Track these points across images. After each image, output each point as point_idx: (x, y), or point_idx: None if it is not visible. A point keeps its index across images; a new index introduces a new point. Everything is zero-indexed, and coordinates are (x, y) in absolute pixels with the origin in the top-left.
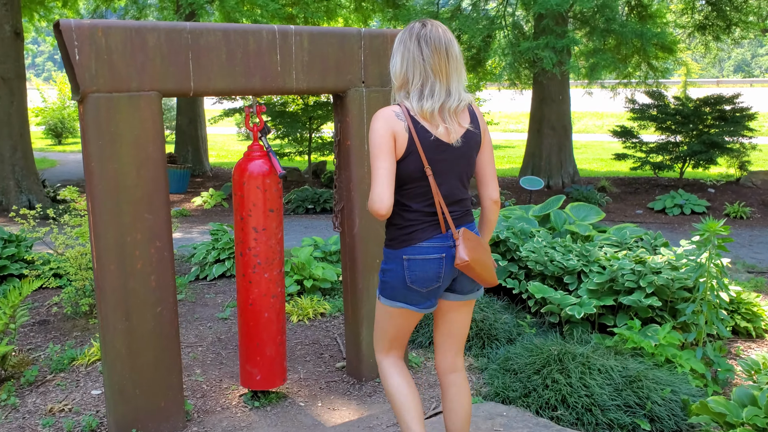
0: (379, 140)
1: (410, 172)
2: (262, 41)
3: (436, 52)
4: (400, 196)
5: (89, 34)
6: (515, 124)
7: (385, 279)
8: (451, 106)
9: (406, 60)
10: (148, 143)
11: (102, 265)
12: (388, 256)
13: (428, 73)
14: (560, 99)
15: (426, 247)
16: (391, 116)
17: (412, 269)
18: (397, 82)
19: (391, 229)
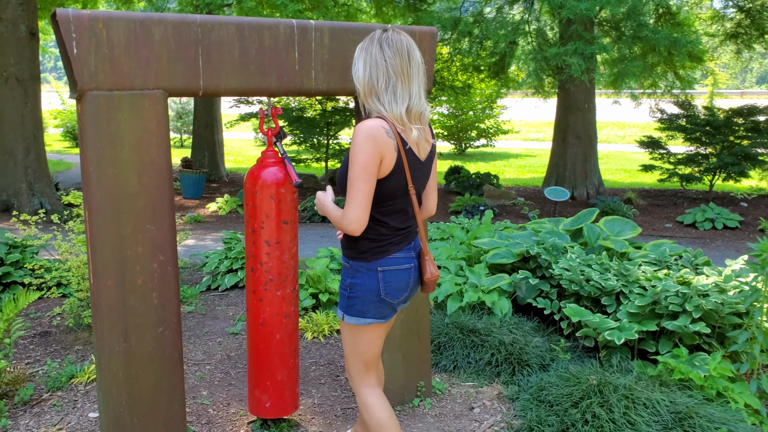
0: (365, 162)
1: (393, 190)
2: (279, 37)
3: (397, 54)
4: (377, 213)
5: (89, 26)
6: (536, 132)
7: (353, 294)
8: (414, 110)
9: (368, 64)
10: (152, 147)
11: (99, 281)
12: (357, 269)
13: (390, 75)
14: (586, 107)
15: (399, 258)
16: (380, 135)
17: (387, 280)
18: (363, 89)
19: (362, 243)
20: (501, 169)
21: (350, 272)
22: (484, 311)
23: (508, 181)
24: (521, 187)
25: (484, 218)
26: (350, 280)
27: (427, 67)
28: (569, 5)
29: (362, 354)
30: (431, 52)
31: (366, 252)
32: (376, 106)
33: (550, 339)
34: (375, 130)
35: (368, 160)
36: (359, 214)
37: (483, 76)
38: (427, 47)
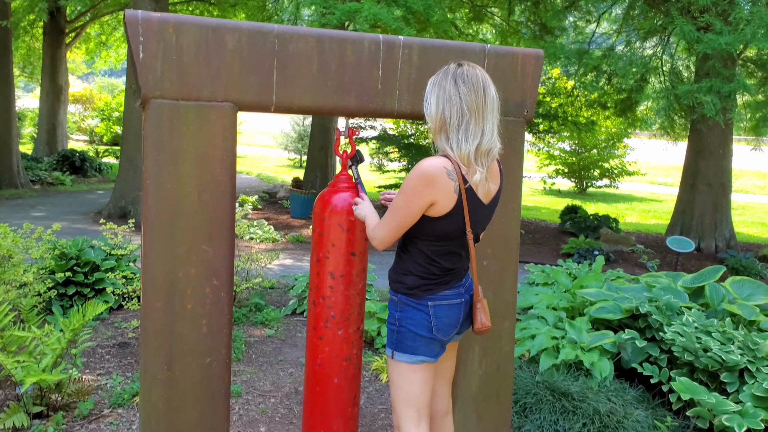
0: (411, 200)
1: (449, 231)
2: (362, 52)
3: (473, 89)
4: (430, 251)
5: (158, 30)
6: (664, 176)
7: (402, 329)
8: (484, 148)
9: (442, 100)
10: (216, 163)
11: (147, 302)
12: (406, 303)
13: (464, 112)
14: (720, 153)
15: (450, 294)
16: (439, 177)
17: (439, 315)
18: (434, 125)
19: (410, 278)
20: (622, 212)
21: (399, 306)
22: (581, 372)
23: (628, 225)
24: (642, 233)
25: (595, 265)
26: (399, 314)
27: (529, 95)
28: (707, 39)
29: (414, 399)
30: (534, 77)
31: (415, 288)
32: (442, 145)
33: (654, 413)
34: (435, 171)
35: (416, 199)
36: (385, 238)
37: (609, 114)
38: (530, 71)
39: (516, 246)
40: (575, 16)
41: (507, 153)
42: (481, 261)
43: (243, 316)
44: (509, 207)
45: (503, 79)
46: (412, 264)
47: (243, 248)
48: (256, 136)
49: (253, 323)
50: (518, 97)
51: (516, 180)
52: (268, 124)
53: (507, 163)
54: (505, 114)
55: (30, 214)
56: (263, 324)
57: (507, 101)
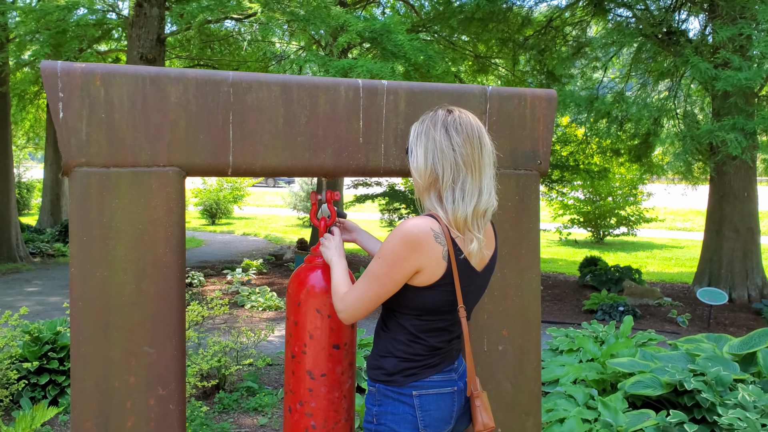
0: (391, 266)
1: (437, 304)
2: (338, 101)
3: (468, 140)
4: (413, 326)
5: (82, 83)
6: (683, 221)
7: (383, 428)
8: (482, 208)
9: (431, 152)
10: (158, 242)
11: (76, 420)
12: (386, 394)
13: (459, 167)
14: (745, 196)
15: (439, 381)
16: (426, 241)
17: (426, 408)
18: (422, 181)
19: (389, 361)
20: (643, 261)
21: (377, 399)
22: None
23: (651, 275)
24: (667, 284)
25: (623, 326)
26: (377, 409)
27: (542, 142)
28: (725, 76)
29: None
30: (547, 122)
31: (396, 373)
32: (432, 205)
33: None
34: (420, 235)
35: (398, 267)
36: (357, 311)
37: (623, 160)
38: (542, 115)
39: (537, 324)
40: (582, 63)
41: (520, 212)
42: (496, 345)
43: (234, 402)
44: (526, 277)
45: (510, 125)
46: (392, 344)
47: (244, 319)
48: (266, 196)
49: (244, 410)
50: (529, 146)
51: (533, 244)
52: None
53: (521, 223)
54: (515, 167)
55: (24, 289)
56: (256, 410)
57: (516, 151)
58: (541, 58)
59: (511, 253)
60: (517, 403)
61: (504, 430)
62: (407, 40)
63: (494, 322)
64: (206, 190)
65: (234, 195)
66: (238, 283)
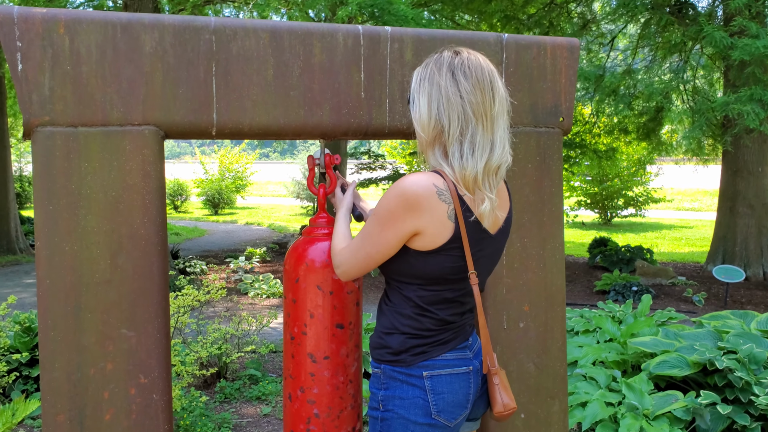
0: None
1: (444, 272)
2: (335, 50)
3: (478, 86)
4: (420, 297)
5: (43, 31)
6: (691, 201)
7: (388, 415)
8: (494, 164)
9: (436, 100)
10: (135, 211)
11: (47, 414)
12: (393, 376)
13: (468, 117)
14: (759, 171)
15: (453, 360)
16: (429, 199)
17: (438, 390)
18: (425, 135)
19: (395, 338)
20: (653, 242)
21: (382, 382)
22: None
23: (662, 255)
24: (679, 263)
25: (641, 305)
26: (383, 393)
27: (564, 96)
28: (742, 44)
29: None
30: (569, 74)
31: (403, 352)
32: (436, 162)
33: None
34: (420, 192)
35: (391, 226)
36: (350, 269)
37: (630, 138)
38: (564, 66)
39: (562, 299)
40: (587, 40)
41: (542, 175)
42: (517, 322)
43: (236, 391)
44: (549, 247)
45: (528, 77)
46: (397, 318)
47: (246, 306)
48: (269, 186)
49: (247, 399)
50: (550, 100)
51: (556, 211)
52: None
53: (543, 187)
54: (535, 124)
55: (23, 281)
56: (259, 399)
57: (536, 107)
58: (546, 35)
59: (532, 221)
60: (542, 385)
61: (528, 416)
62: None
63: (514, 297)
64: (208, 180)
65: (236, 185)
66: (241, 270)
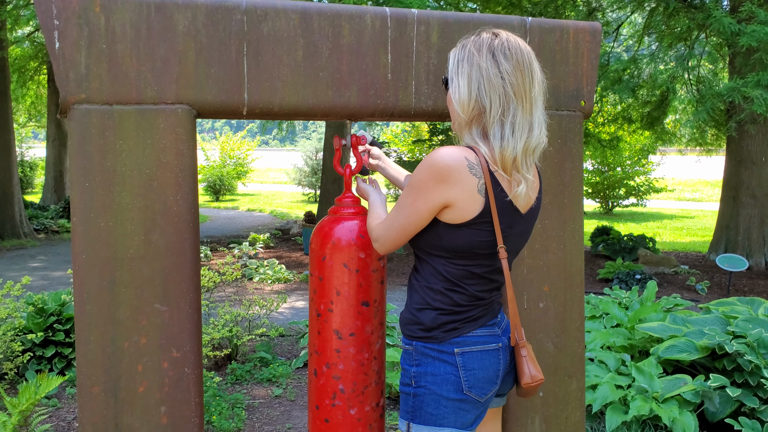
0: (418, 198)
1: (474, 245)
2: (363, 31)
3: (518, 67)
4: (449, 273)
5: (79, 10)
6: (692, 192)
7: (420, 390)
8: (532, 146)
9: (476, 81)
10: (168, 188)
11: (82, 385)
12: (424, 353)
13: (510, 98)
14: (763, 161)
15: (484, 336)
16: (460, 171)
17: (470, 367)
18: (465, 115)
19: (427, 314)
20: (655, 231)
21: (414, 358)
22: (659, 430)
23: (664, 245)
24: (681, 253)
25: (647, 291)
26: (415, 370)
27: (586, 80)
28: (751, 30)
29: None
30: (591, 58)
31: (435, 328)
32: (473, 140)
33: None
34: (451, 164)
35: (423, 197)
36: (387, 240)
37: (634, 128)
38: (586, 50)
39: (581, 280)
40: None
41: (563, 157)
42: (536, 302)
43: (247, 373)
44: (569, 229)
45: (551, 61)
46: (428, 293)
47: (253, 291)
48: (269, 173)
49: (258, 381)
50: (572, 84)
51: (576, 193)
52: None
53: (564, 169)
54: (557, 107)
55: (28, 264)
56: (270, 381)
57: (558, 90)
58: None
59: (553, 202)
60: (560, 365)
61: (546, 394)
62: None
63: (534, 277)
64: (209, 166)
65: (238, 171)
66: (246, 256)
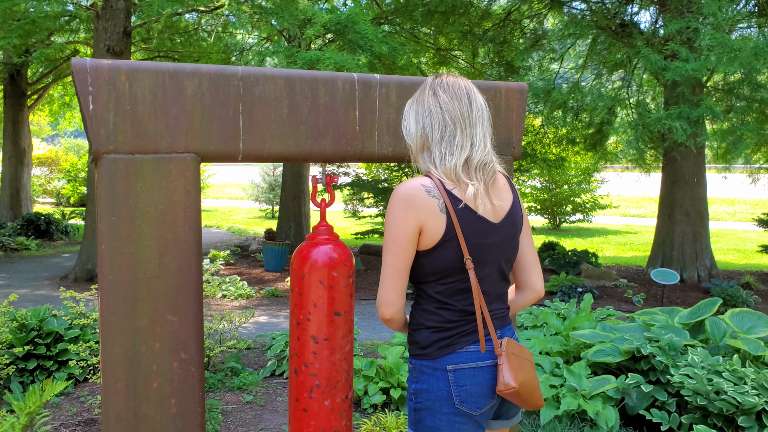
0: (395, 232)
1: (451, 262)
2: (336, 93)
3: (455, 97)
4: (437, 293)
5: (109, 78)
6: (636, 208)
7: (419, 405)
8: (476, 161)
9: (421, 114)
10: (178, 221)
11: (107, 383)
12: (422, 370)
13: (447, 122)
14: (695, 182)
15: (474, 353)
16: (418, 196)
17: (461, 383)
18: (414, 144)
19: (422, 334)
20: (599, 246)
21: (414, 375)
22: (585, 423)
23: (607, 259)
24: (622, 267)
25: (584, 303)
26: (414, 387)
27: (515, 131)
28: (674, 67)
29: None
30: (519, 112)
31: (429, 345)
32: (425, 165)
33: None
34: (410, 192)
35: (399, 228)
36: (386, 296)
37: (578, 149)
38: (515, 105)
39: None
40: (539, 55)
41: None
42: None
43: (219, 382)
44: None
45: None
46: (422, 315)
47: (215, 307)
48: (225, 188)
49: (229, 389)
50: (504, 133)
51: None
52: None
53: None
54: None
55: None
56: (240, 389)
57: (498, 138)
58: (500, 50)
59: None
60: None
61: None
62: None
63: None
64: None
65: None
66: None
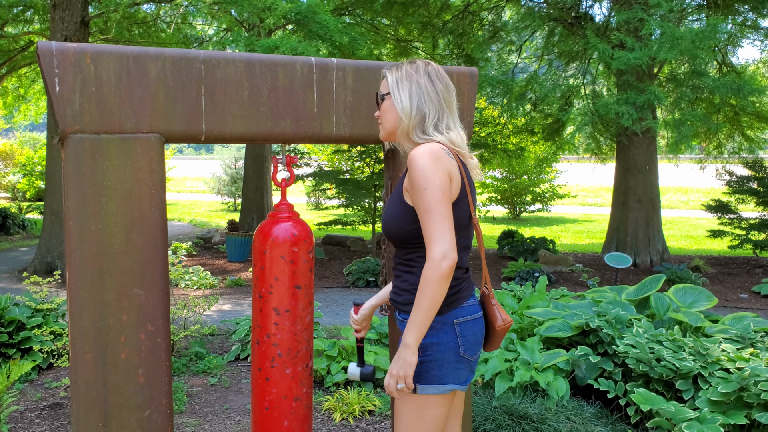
0: (439, 182)
1: (461, 219)
2: (294, 76)
3: (447, 88)
4: None
5: (74, 61)
6: (594, 197)
7: (428, 358)
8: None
9: (417, 95)
10: (143, 198)
11: (76, 354)
12: (431, 326)
13: (443, 108)
14: (647, 169)
15: (472, 306)
16: (442, 152)
17: (465, 334)
18: (407, 121)
19: None
20: (557, 234)
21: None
22: (537, 393)
23: (565, 246)
24: (579, 253)
25: (538, 285)
26: (426, 341)
27: (466, 113)
28: (618, 56)
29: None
30: (470, 95)
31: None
32: (418, 138)
33: (614, 428)
34: (435, 149)
35: (442, 177)
36: (451, 243)
37: (537, 138)
38: (466, 89)
39: None
40: (498, 47)
41: None
42: None
43: (183, 366)
44: None
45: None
46: None
47: (179, 296)
48: (186, 182)
49: (194, 372)
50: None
51: None
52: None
53: None
54: None
55: None
56: (205, 373)
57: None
58: (460, 42)
59: None
60: None
61: None
62: (333, 21)
63: None
64: None
65: None
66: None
